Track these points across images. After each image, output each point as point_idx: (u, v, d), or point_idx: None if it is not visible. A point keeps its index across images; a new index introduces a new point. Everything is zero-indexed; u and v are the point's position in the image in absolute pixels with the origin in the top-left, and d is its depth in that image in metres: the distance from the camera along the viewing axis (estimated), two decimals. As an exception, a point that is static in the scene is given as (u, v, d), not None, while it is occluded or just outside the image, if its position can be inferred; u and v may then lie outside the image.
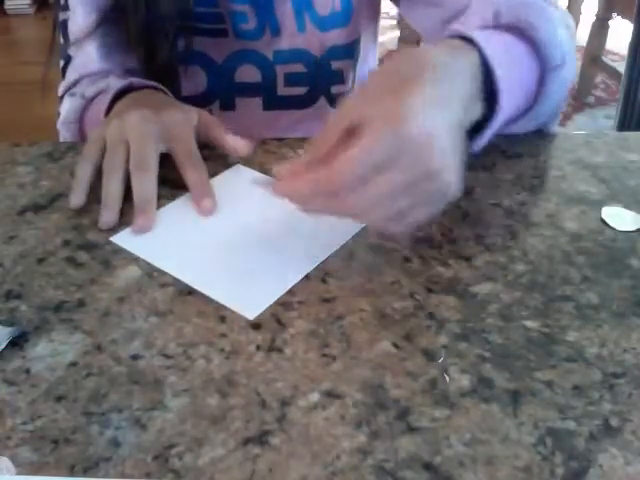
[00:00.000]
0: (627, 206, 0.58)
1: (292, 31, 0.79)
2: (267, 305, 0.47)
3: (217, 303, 0.48)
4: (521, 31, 0.59)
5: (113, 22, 0.74)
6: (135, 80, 0.69)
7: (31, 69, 1.03)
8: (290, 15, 0.78)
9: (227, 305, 0.47)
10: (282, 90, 0.82)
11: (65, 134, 0.77)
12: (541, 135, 0.70)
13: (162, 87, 0.70)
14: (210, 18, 0.76)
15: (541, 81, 0.61)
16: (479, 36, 0.53)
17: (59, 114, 0.80)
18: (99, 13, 0.74)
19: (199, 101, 0.76)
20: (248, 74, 0.81)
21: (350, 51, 0.83)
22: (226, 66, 0.80)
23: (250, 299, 0.48)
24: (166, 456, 0.37)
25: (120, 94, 0.67)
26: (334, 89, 0.84)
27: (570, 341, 0.45)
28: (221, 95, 0.82)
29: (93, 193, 0.61)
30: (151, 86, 0.69)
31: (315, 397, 0.41)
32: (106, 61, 0.76)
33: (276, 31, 0.79)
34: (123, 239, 0.54)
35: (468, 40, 0.53)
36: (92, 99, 0.74)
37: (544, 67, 0.60)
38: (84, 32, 0.75)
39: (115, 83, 0.71)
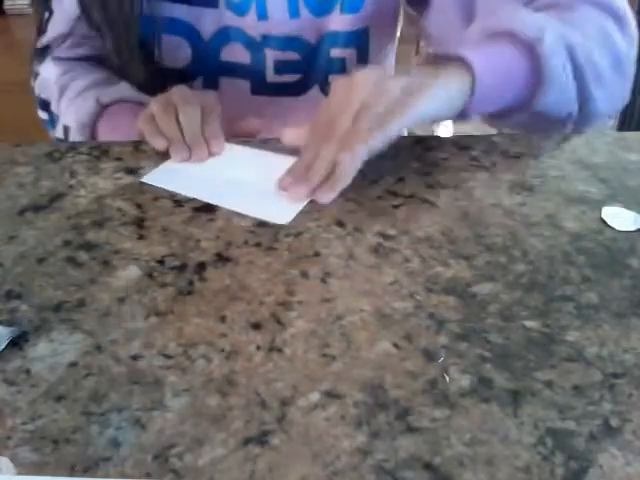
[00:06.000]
0: (627, 206, 0.58)
1: (283, 17, 0.78)
2: (297, 212, 0.57)
3: (217, 303, 0.48)
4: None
5: None
6: None
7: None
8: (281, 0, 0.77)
9: (259, 217, 0.56)
10: (271, 77, 0.82)
11: (78, 133, 0.78)
12: (541, 135, 0.70)
13: None
14: None
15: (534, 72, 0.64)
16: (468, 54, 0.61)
17: (36, 74, 0.82)
18: None
19: (182, 75, 0.77)
20: (235, 54, 0.81)
21: (355, 39, 0.81)
22: (213, 42, 0.80)
23: (280, 210, 0.57)
24: (166, 456, 0.37)
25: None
26: (332, 78, 0.82)
27: (570, 341, 0.45)
28: (205, 72, 0.82)
29: (92, 193, 0.61)
30: None
31: (315, 397, 0.41)
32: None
33: (263, 13, 0.78)
34: (153, 179, 0.62)
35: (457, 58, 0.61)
36: (107, 106, 0.77)
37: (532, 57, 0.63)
38: None
39: (130, 95, 0.77)
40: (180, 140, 0.65)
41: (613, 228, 0.56)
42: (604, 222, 0.56)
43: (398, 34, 0.90)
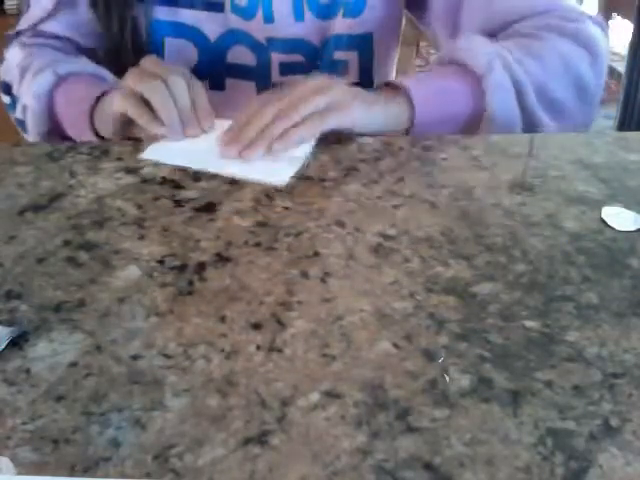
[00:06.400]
0: (627, 206, 0.58)
1: (289, 21, 0.79)
2: (292, 173, 0.62)
3: (217, 303, 0.48)
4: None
5: None
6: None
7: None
8: (287, 3, 0.78)
9: (256, 179, 0.61)
10: (277, 79, 0.83)
11: (35, 106, 0.77)
12: (541, 135, 0.70)
13: None
14: None
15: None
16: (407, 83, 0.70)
17: (2, 59, 0.83)
18: None
19: None
20: (241, 56, 0.81)
21: (357, 43, 0.82)
22: (219, 44, 0.81)
23: (276, 172, 0.62)
24: (166, 456, 0.37)
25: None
26: None
27: (570, 341, 0.45)
28: (211, 74, 0.82)
29: (92, 193, 0.61)
30: None
31: (315, 397, 0.41)
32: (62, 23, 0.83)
33: (269, 17, 0.78)
34: (152, 154, 0.65)
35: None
36: (65, 77, 0.77)
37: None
38: None
39: (89, 69, 0.77)
40: (177, 121, 0.66)
41: (613, 228, 0.56)
42: (604, 222, 0.56)
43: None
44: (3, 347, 0.44)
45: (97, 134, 0.74)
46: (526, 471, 0.36)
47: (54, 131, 0.78)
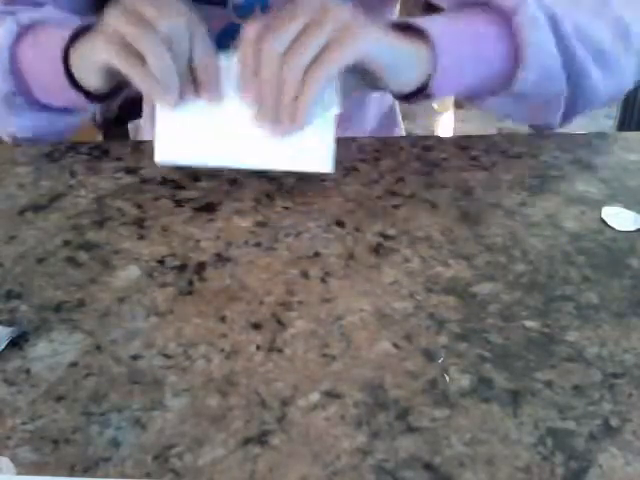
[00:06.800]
0: (627, 206, 0.58)
1: None
2: (332, 153, 0.56)
3: (217, 303, 0.48)
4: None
5: None
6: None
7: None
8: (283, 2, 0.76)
9: (299, 170, 0.57)
10: None
11: None
12: (541, 135, 0.70)
13: None
14: None
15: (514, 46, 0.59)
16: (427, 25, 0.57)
17: None
18: None
19: None
20: None
21: None
22: (219, 39, 0.79)
23: (314, 156, 0.56)
24: (166, 456, 0.37)
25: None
26: None
27: (570, 341, 0.45)
28: None
29: (92, 193, 0.61)
30: None
31: (315, 397, 0.41)
32: None
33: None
34: (166, 156, 0.57)
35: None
36: (27, 27, 0.64)
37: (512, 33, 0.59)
38: None
39: (58, 17, 0.65)
40: (175, 81, 0.54)
41: (613, 228, 0.56)
42: (604, 222, 0.56)
43: None
44: (3, 347, 0.44)
45: (78, 87, 0.61)
46: (526, 471, 0.36)
47: (20, 93, 0.65)
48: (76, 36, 0.60)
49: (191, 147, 0.57)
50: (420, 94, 0.60)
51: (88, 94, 0.62)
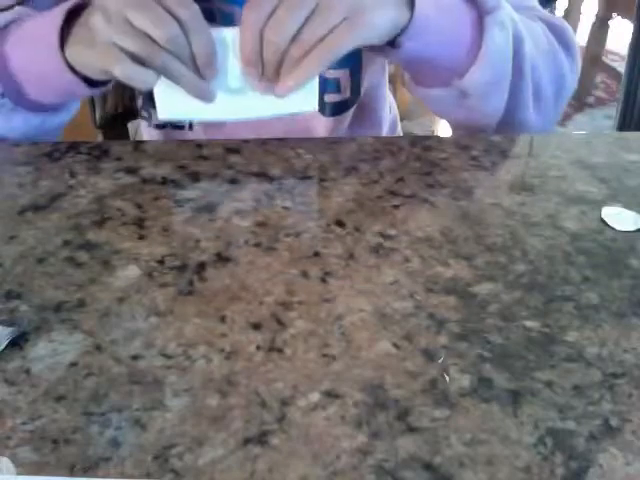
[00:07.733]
0: (627, 206, 0.58)
1: None
2: (316, 92, 0.59)
3: (217, 303, 0.48)
4: None
5: None
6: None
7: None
8: None
9: (286, 113, 0.59)
10: None
11: None
12: (541, 135, 0.70)
13: None
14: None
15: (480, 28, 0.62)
16: None
17: None
18: None
19: None
20: None
21: (348, 61, 0.78)
22: None
23: (299, 98, 0.58)
24: (166, 456, 0.37)
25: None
26: (327, 97, 0.79)
27: (570, 341, 0.45)
28: None
29: (92, 193, 0.61)
30: None
31: (315, 397, 0.41)
32: None
33: None
34: (168, 112, 0.60)
35: None
36: (4, 27, 0.64)
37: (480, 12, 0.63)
38: None
39: (29, 13, 0.65)
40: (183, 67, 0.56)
41: (613, 228, 0.56)
42: (604, 222, 0.56)
43: None
44: (3, 347, 0.44)
45: (75, 73, 0.60)
46: (526, 471, 0.36)
47: (8, 94, 0.64)
48: (69, 20, 0.59)
49: (189, 103, 0.60)
50: (388, 44, 0.61)
51: (86, 79, 0.62)
